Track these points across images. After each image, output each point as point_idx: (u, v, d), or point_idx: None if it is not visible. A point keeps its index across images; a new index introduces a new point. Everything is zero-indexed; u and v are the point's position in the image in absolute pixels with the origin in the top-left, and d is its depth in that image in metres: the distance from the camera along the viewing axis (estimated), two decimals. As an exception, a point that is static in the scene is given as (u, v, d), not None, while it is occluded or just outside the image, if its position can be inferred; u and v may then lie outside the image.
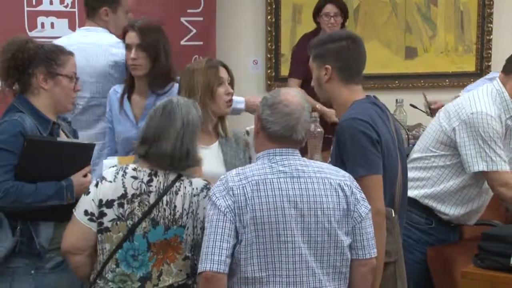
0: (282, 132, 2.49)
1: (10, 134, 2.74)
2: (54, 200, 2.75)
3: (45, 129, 2.82)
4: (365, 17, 5.87)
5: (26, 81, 2.84)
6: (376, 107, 2.84)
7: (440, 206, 3.40)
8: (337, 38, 2.84)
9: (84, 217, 2.57)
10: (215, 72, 3.12)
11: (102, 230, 2.56)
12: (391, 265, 2.75)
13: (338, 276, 2.48)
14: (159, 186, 2.58)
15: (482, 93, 3.39)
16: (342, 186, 2.48)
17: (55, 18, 4.76)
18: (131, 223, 2.54)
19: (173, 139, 2.56)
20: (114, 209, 2.55)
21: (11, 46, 2.85)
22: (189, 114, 2.60)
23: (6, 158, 2.72)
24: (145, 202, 2.56)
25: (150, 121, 2.61)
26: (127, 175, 2.57)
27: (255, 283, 2.41)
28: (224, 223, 2.38)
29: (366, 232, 2.50)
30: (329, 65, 2.81)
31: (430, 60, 5.95)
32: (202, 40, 5.33)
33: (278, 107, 2.50)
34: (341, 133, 2.73)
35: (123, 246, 2.55)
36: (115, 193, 2.55)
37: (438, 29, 5.96)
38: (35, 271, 2.81)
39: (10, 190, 2.69)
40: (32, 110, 2.82)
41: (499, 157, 3.28)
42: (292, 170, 2.47)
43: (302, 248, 2.41)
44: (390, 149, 2.78)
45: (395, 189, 2.81)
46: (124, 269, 2.56)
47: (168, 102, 2.63)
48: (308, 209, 2.43)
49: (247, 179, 2.43)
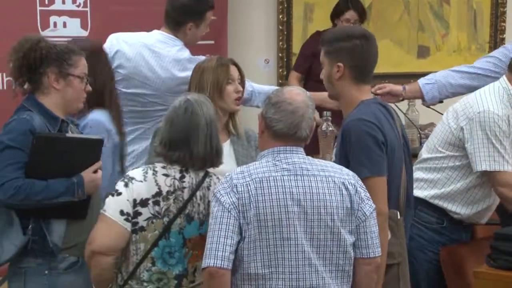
0: (287, 130, 2.49)
1: (19, 132, 2.75)
2: (65, 196, 2.75)
3: (54, 126, 2.83)
4: (378, 15, 5.86)
5: (37, 80, 2.84)
6: (383, 108, 2.84)
7: (451, 206, 3.39)
8: (352, 36, 2.83)
9: (120, 217, 2.54)
10: (225, 70, 3.13)
11: (136, 230, 2.55)
12: (395, 267, 2.75)
13: (341, 274, 2.48)
14: (192, 182, 2.59)
15: (489, 91, 3.38)
16: (346, 185, 2.49)
17: (67, 17, 4.77)
18: (167, 220, 2.55)
19: (203, 141, 2.58)
20: (149, 207, 2.54)
21: (23, 45, 2.85)
22: (209, 111, 2.62)
23: (16, 156, 2.73)
24: (179, 198, 2.57)
25: (172, 125, 2.61)
26: (158, 173, 2.58)
27: (258, 279, 2.42)
28: (228, 219, 2.40)
29: (371, 231, 2.50)
30: (342, 63, 2.80)
31: (443, 59, 5.92)
32: (213, 39, 5.32)
33: (282, 105, 2.50)
34: (346, 133, 2.73)
35: (159, 244, 2.55)
36: (149, 192, 2.55)
37: (450, 27, 5.94)
38: (49, 271, 2.81)
39: (20, 188, 2.69)
40: (41, 108, 2.83)
41: (502, 157, 3.27)
42: (296, 168, 2.47)
43: (305, 246, 2.42)
44: (396, 151, 2.78)
45: (400, 191, 2.81)
46: (160, 267, 2.56)
47: (186, 101, 2.62)
48: (312, 207, 2.43)
49: (251, 176, 2.44)
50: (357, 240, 2.50)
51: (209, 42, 5.30)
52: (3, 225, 2.78)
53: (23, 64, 2.83)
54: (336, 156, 2.83)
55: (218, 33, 5.37)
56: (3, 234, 2.77)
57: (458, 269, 3.38)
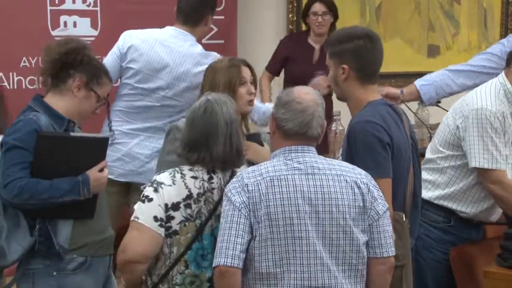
0: (297, 129, 2.49)
1: (25, 132, 2.75)
2: (71, 195, 2.74)
3: (60, 126, 2.83)
4: (388, 15, 5.85)
5: (62, 79, 2.86)
6: (390, 109, 2.83)
7: (456, 206, 3.38)
8: (354, 37, 2.82)
9: (154, 223, 2.51)
10: (237, 71, 3.11)
11: (170, 234, 2.53)
12: (398, 269, 2.73)
13: (354, 274, 2.47)
14: (220, 182, 2.59)
15: (485, 89, 3.37)
16: (358, 184, 2.48)
17: (77, 17, 4.78)
18: (200, 222, 2.54)
19: (222, 141, 2.57)
20: (181, 211, 2.53)
21: (69, 43, 2.88)
22: (230, 111, 2.61)
23: (21, 156, 2.73)
24: (210, 200, 2.56)
25: (192, 126, 2.60)
26: (187, 176, 2.57)
27: (270, 278, 2.41)
28: (239, 218, 2.39)
29: (384, 230, 2.49)
30: (347, 65, 2.80)
31: (453, 58, 5.89)
32: (223, 38, 5.33)
33: (291, 105, 2.50)
34: (352, 135, 2.73)
35: (193, 247, 2.54)
36: (180, 195, 2.54)
37: (461, 27, 5.92)
38: (57, 273, 2.80)
39: (25, 187, 2.69)
40: (47, 109, 2.83)
41: (491, 155, 3.25)
42: (307, 167, 2.47)
43: (316, 245, 2.41)
44: (402, 152, 2.77)
45: (406, 193, 2.80)
46: (194, 269, 2.55)
47: (206, 101, 2.62)
48: (323, 206, 2.43)
49: (262, 175, 2.44)
50: (370, 240, 2.49)
51: (219, 41, 5.30)
52: (10, 226, 2.78)
53: (60, 59, 2.85)
54: (342, 156, 2.83)
55: (228, 32, 5.37)
56: (11, 235, 2.77)
57: (468, 269, 3.37)
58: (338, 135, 3.98)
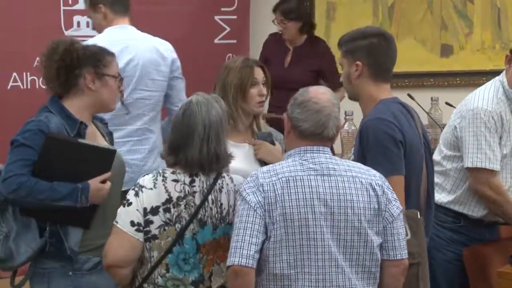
0: (313, 129, 2.48)
1: (33, 131, 2.75)
2: (68, 200, 2.72)
3: (72, 128, 2.81)
4: (400, 14, 5.83)
5: (72, 82, 2.84)
6: (402, 107, 2.83)
7: (463, 208, 3.38)
8: (368, 35, 2.83)
9: (131, 228, 2.50)
10: (249, 72, 3.09)
11: (149, 239, 2.51)
12: (414, 266, 2.72)
13: (367, 276, 2.46)
14: (202, 185, 2.56)
15: (486, 88, 3.37)
16: (373, 186, 2.47)
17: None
18: (180, 226, 2.51)
19: (198, 144, 2.53)
20: (160, 215, 2.50)
21: (56, 48, 2.84)
22: (210, 114, 2.55)
23: (26, 153, 2.72)
24: (190, 204, 2.53)
25: (173, 128, 2.59)
26: (168, 179, 2.54)
27: (284, 279, 2.40)
28: (254, 218, 2.38)
29: (398, 232, 2.48)
30: (360, 62, 2.80)
31: (466, 58, 5.87)
32: (235, 38, 5.34)
33: (307, 104, 2.49)
34: (364, 132, 2.72)
35: (173, 251, 2.52)
36: (159, 199, 2.51)
37: (474, 26, 5.88)
38: (73, 273, 2.80)
39: (23, 184, 2.68)
40: (62, 110, 2.83)
41: (484, 154, 3.23)
42: (323, 168, 2.46)
43: (331, 246, 2.40)
44: (414, 150, 2.76)
45: (420, 190, 2.79)
46: (175, 273, 2.53)
47: (187, 104, 2.59)
48: (338, 207, 2.42)
49: (277, 175, 2.43)
50: (384, 242, 2.48)
51: (231, 41, 5.32)
52: (20, 228, 2.78)
53: (61, 66, 2.82)
54: (354, 155, 2.82)
55: (241, 32, 5.38)
56: (19, 237, 2.77)
57: (481, 270, 3.36)
58: (351, 134, 3.97)
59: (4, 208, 2.78)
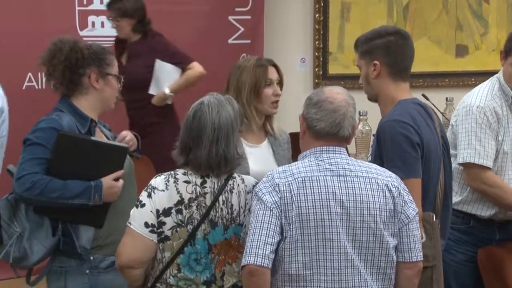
0: (329, 129, 2.47)
1: (45, 130, 2.77)
2: (81, 199, 2.72)
3: (83, 126, 2.83)
4: (415, 14, 5.81)
5: (77, 81, 2.86)
6: (421, 108, 2.81)
7: (471, 209, 3.36)
8: (385, 34, 2.81)
9: (145, 229, 2.49)
10: (263, 71, 3.07)
11: (162, 239, 2.50)
12: (429, 269, 2.71)
13: (382, 277, 2.45)
14: (213, 186, 2.55)
15: (482, 85, 3.37)
16: (389, 187, 2.45)
17: (105, 17, 4.81)
18: (191, 227, 2.50)
19: (207, 146, 2.52)
20: (172, 216, 2.49)
21: (62, 48, 2.86)
22: (220, 116, 2.54)
23: (39, 152, 2.74)
24: (202, 205, 2.51)
25: (184, 129, 2.59)
26: (179, 181, 2.53)
27: (299, 280, 2.39)
28: (271, 218, 2.37)
29: (413, 234, 2.47)
30: (378, 61, 2.78)
31: (482, 58, 5.85)
32: (250, 38, 5.34)
33: (323, 104, 2.48)
34: (382, 134, 2.70)
35: (185, 251, 2.52)
36: (171, 201, 2.50)
37: (490, 26, 5.86)
38: (90, 271, 2.82)
39: (37, 182, 2.68)
40: (72, 109, 2.85)
41: (474, 149, 3.22)
42: (339, 169, 2.45)
43: (347, 247, 2.39)
44: (432, 152, 2.74)
45: (437, 193, 2.77)
46: (187, 273, 2.53)
47: (198, 105, 2.58)
48: (354, 208, 2.40)
49: (293, 176, 2.42)
50: (400, 244, 2.46)
51: (245, 41, 5.31)
52: (33, 227, 2.79)
53: (66, 66, 2.84)
54: (371, 155, 2.81)
55: (255, 32, 5.38)
56: (33, 235, 2.78)
57: (496, 270, 3.34)
58: (365, 135, 3.96)
59: (17, 208, 2.79)
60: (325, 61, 5.73)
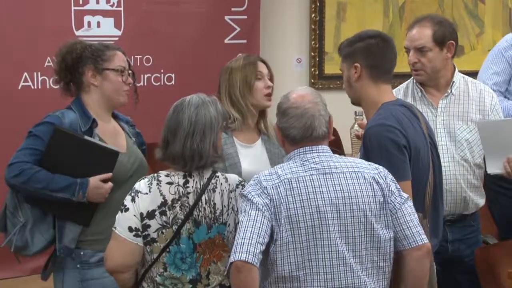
0: (302, 133, 2.48)
1: (46, 124, 2.84)
2: (65, 193, 2.78)
3: (85, 124, 2.89)
4: (411, 14, 5.82)
5: (78, 80, 2.93)
6: (405, 109, 2.81)
7: None
8: (365, 37, 2.82)
9: (129, 234, 2.51)
10: (253, 67, 3.10)
11: (149, 242, 2.51)
12: None
13: (377, 271, 2.45)
14: (196, 186, 2.56)
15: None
16: (376, 179, 2.46)
17: (101, 17, 4.82)
18: (177, 227, 2.51)
19: (182, 138, 2.54)
20: (157, 218, 2.50)
21: (61, 50, 2.95)
22: (198, 112, 2.56)
23: (35, 143, 2.82)
24: (185, 204, 2.52)
25: (164, 124, 2.61)
26: (162, 183, 2.54)
27: (293, 281, 2.39)
28: (262, 219, 2.37)
29: (409, 220, 2.46)
30: (358, 63, 2.79)
31: (477, 58, 5.85)
32: (246, 38, 5.34)
33: (290, 112, 2.49)
34: (368, 139, 2.70)
35: (171, 250, 2.53)
36: (154, 203, 2.51)
37: (485, 26, 5.88)
38: (81, 265, 2.88)
39: (26, 170, 2.76)
40: (81, 108, 2.92)
41: None
42: (324, 167, 2.46)
43: (339, 245, 2.39)
44: (421, 153, 2.75)
45: (426, 193, 2.78)
46: (173, 272, 2.54)
47: (180, 102, 2.61)
48: (344, 205, 2.41)
49: (279, 178, 2.42)
50: (398, 232, 2.46)
51: (241, 41, 5.32)
52: (36, 218, 2.86)
53: (63, 67, 2.93)
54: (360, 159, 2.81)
55: (251, 32, 5.38)
56: (36, 227, 2.86)
57: (492, 270, 3.35)
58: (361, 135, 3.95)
59: (23, 199, 2.85)
60: (321, 61, 5.74)
